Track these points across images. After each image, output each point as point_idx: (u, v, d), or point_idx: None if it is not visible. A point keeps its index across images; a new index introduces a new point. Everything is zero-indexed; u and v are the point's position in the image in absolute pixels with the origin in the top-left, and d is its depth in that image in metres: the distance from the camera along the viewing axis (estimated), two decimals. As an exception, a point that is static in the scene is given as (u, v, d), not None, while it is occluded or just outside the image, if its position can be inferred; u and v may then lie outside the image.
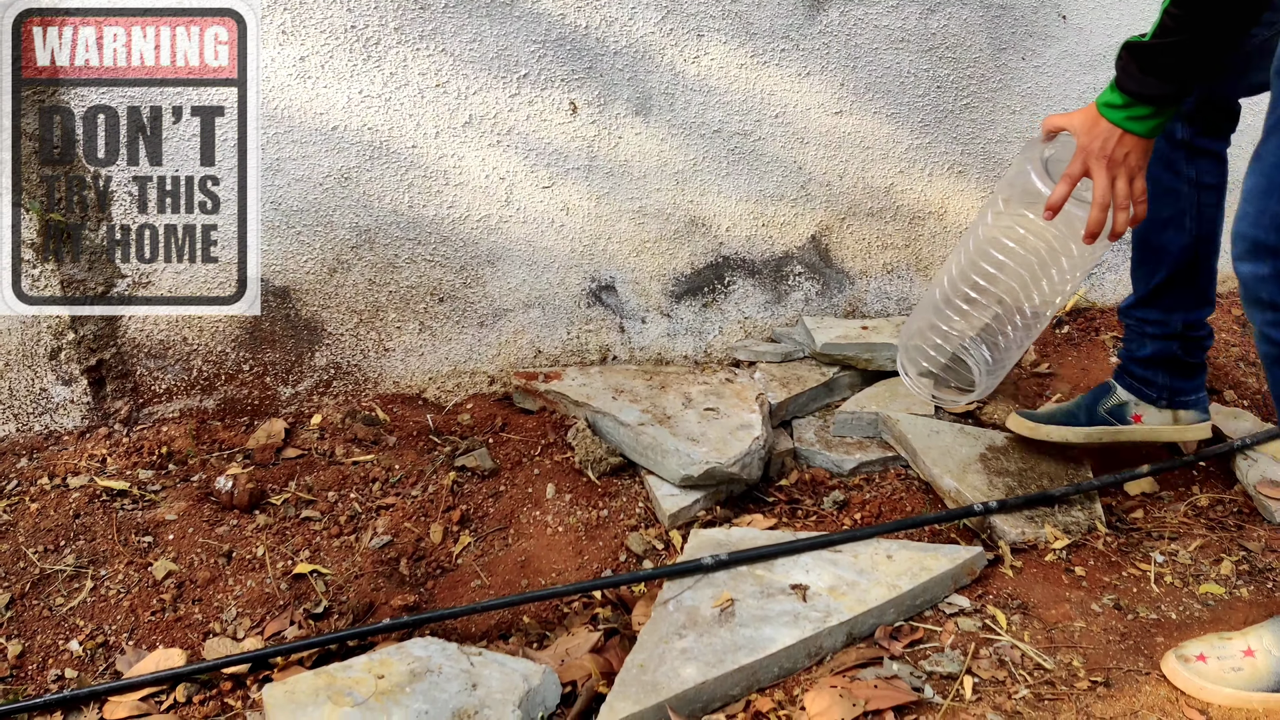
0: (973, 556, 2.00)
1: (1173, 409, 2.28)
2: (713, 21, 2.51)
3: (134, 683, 1.80)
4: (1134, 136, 1.67)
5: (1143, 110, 1.65)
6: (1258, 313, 1.58)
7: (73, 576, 2.03)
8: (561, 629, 1.96)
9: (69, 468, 2.31)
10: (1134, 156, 1.69)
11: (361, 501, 2.24)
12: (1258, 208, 1.55)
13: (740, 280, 2.75)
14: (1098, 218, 1.70)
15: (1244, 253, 1.57)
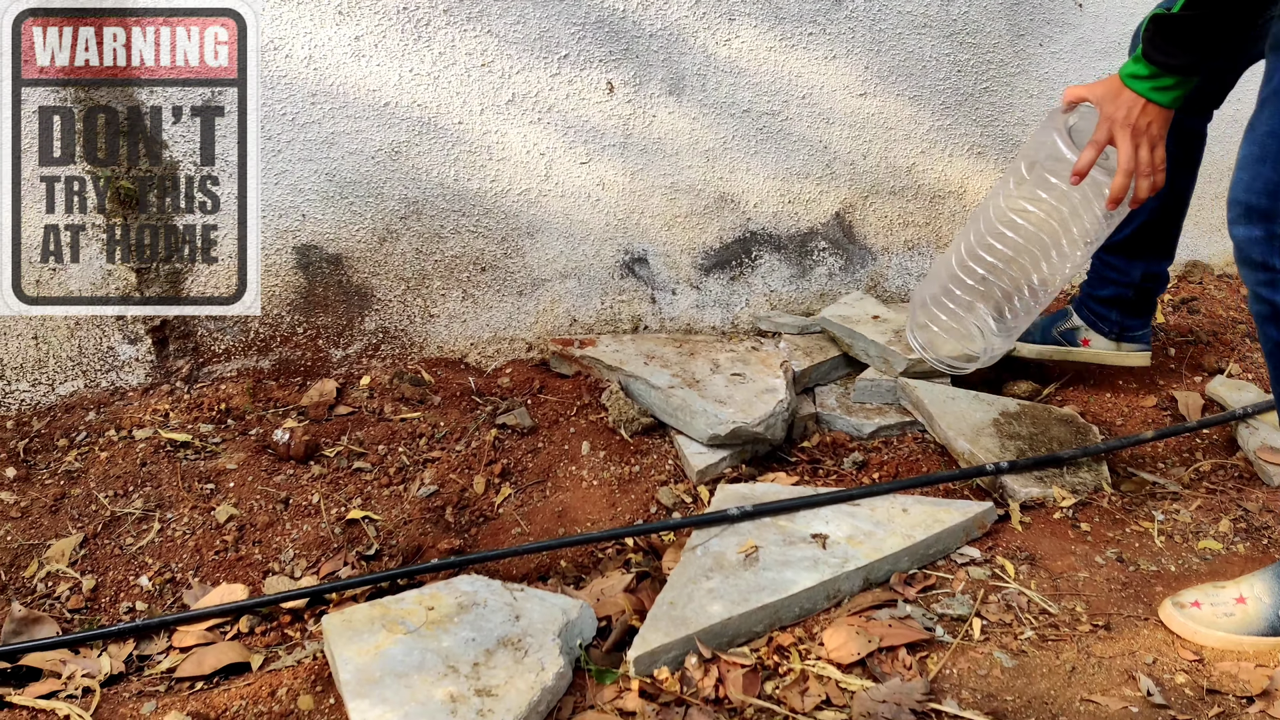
0: (983, 511, 2.11)
1: (1119, 340, 2.53)
2: (744, 6, 2.62)
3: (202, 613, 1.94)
4: (1157, 106, 1.74)
5: (1167, 80, 1.72)
6: (1250, 273, 1.68)
7: (141, 519, 2.17)
8: (596, 572, 2.09)
9: (134, 421, 2.45)
10: (1156, 125, 1.76)
11: (409, 454, 2.37)
12: (1250, 174, 1.65)
13: (767, 255, 2.87)
14: (1122, 183, 1.77)
15: (1238, 217, 1.68)
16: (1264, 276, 1.67)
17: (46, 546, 2.09)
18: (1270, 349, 1.73)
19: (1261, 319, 1.71)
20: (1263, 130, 1.65)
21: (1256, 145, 1.66)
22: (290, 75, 2.39)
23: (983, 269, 2.01)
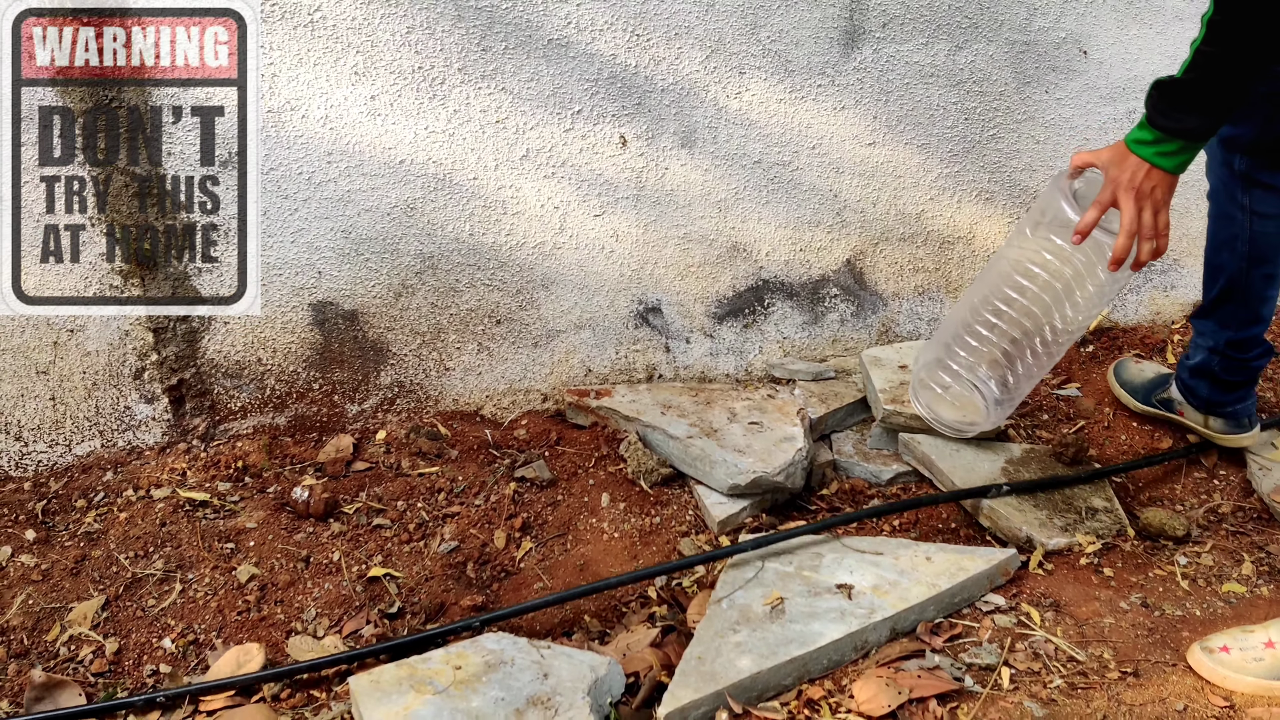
0: (1007, 558, 2.11)
1: (1206, 414, 2.48)
2: (754, 60, 2.65)
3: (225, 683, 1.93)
4: (1161, 171, 1.76)
5: (1171, 146, 1.74)
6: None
7: (162, 580, 2.17)
8: (621, 627, 2.08)
9: (152, 480, 2.44)
10: (1160, 191, 1.78)
11: (428, 510, 2.37)
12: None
13: (779, 302, 2.88)
14: (1124, 245, 1.79)
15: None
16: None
17: (68, 609, 2.09)
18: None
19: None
20: None
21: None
22: (307, 135, 2.41)
23: (987, 331, 2.01)
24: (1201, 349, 2.43)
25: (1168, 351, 3.01)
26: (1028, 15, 2.83)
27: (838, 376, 2.83)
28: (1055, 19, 2.86)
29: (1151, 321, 3.20)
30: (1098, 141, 3.01)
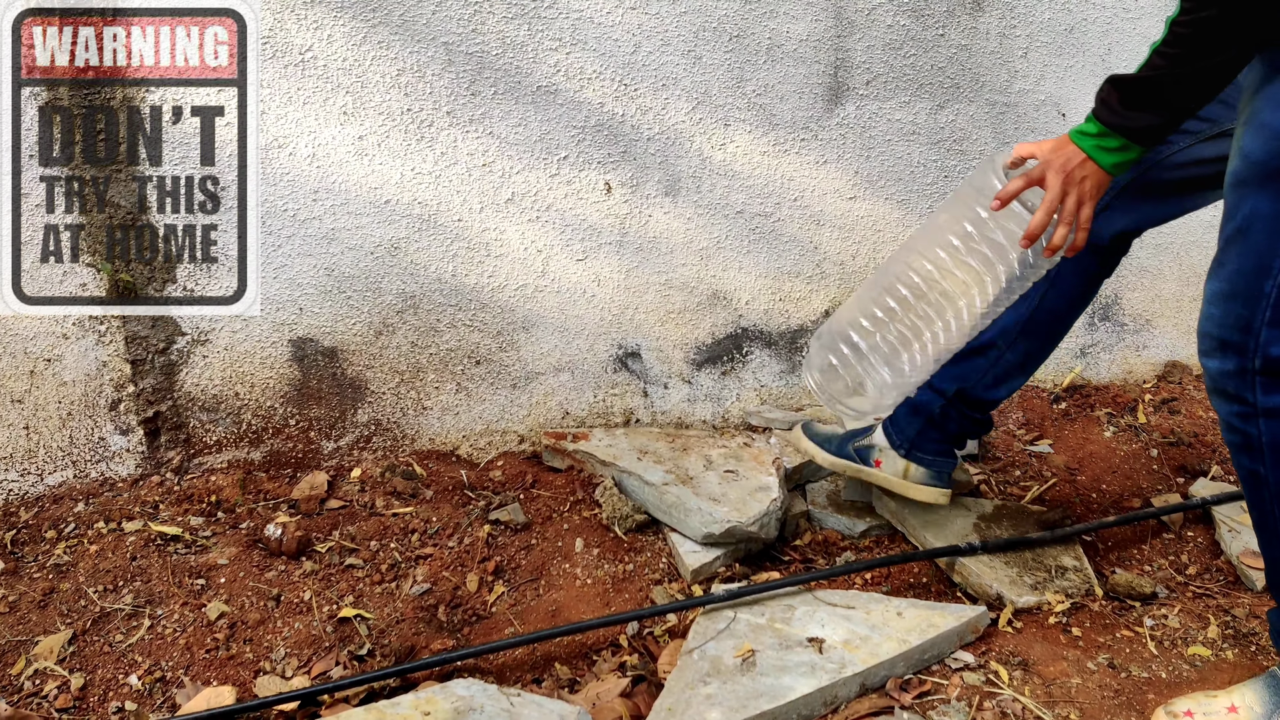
0: (977, 615, 2.13)
1: (907, 460, 2.38)
2: (739, 112, 2.69)
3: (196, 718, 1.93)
4: (1095, 165, 1.74)
5: (1114, 142, 1.71)
6: (1223, 404, 1.75)
7: (131, 615, 2.15)
8: (591, 675, 2.08)
9: (124, 513, 2.43)
10: (1090, 183, 1.75)
11: (401, 551, 2.36)
12: (1222, 310, 1.71)
13: (758, 350, 2.91)
14: (1041, 220, 1.75)
15: (1211, 350, 1.74)
16: (1238, 409, 1.73)
17: (34, 643, 2.07)
18: (1244, 475, 1.78)
19: (1235, 448, 1.77)
20: (1231, 268, 1.71)
21: (1226, 282, 1.72)
22: (293, 173, 2.43)
23: (884, 313, 1.98)
24: (926, 387, 2.30)
25: (1139, 411, 3.06)
26: (1009, 78, 2.89)
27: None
28: (1035, 82, 2.92)
29: (1124, 380, 3.25)
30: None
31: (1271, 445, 1.71)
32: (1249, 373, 1.69)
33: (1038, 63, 2.91)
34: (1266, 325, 1.66)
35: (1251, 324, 1.67)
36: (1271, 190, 1.65)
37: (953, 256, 1.93)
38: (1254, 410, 1.71)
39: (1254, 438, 1.72)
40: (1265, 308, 1.66)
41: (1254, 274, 1.67)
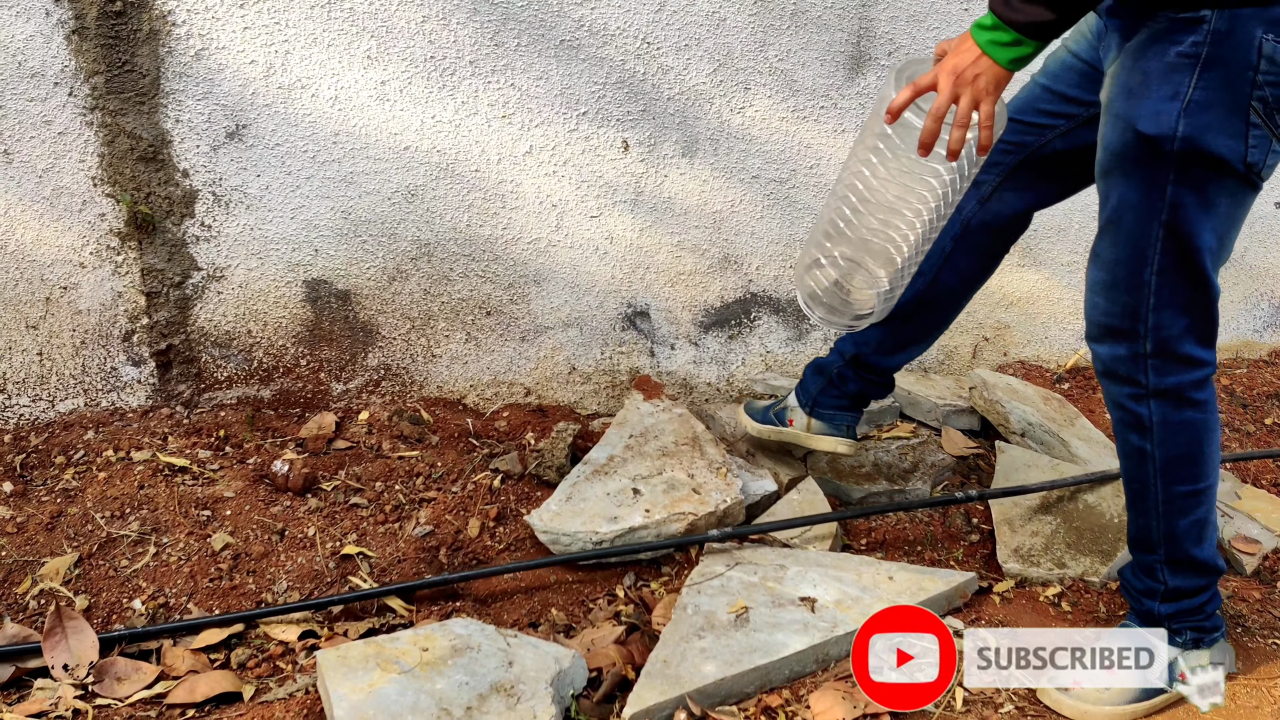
0: (965, 581, 2.15)
1: (809, 416, 2.42)
2: (760, 77, 2.69)
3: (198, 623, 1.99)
4: (990, 60, 1.63)
5: (1007, 36, 1.61)
6: (1115, 386, 1.81)
7: (137, 542, 2.18)
8: (587, 622, 2.11)
9: (133, 443, 2.45)
10: (984, 79, 1.64)
11: (405, 493, 2.39)
12: (1107, 299, 1.76)
13: (765, 316, 2.92)
14: (930, 128, 1.66)
15: (1101, 335, 1.80)
16: (1129, 390, 1.79)
17: (41, 564, 2.09)
18: (1131, 452, 1.85)
19: (1125, 426, 1.83)
20: (1109, 257, 1.74)
21: (1106, 271, 1.75)
22: (315, 114, 2.43)
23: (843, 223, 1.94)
24: (834, 349, 2.37)
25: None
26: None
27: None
28: (1056, 62, 2.91)
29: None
30: (1088, 185, 3.07)
31: (1161, 424, 1.78)
32: (1141, 356, 1.75)
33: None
34: (1153, 311, 1.71)
35: (1138, 311, 1.72)
36: (1135, 179, 1.67)
37: (875, 172, 1.86)
38: (1145, 391, 1.77)
39: (1145, 417, 1.78)
40: (1149, 295, 1.70)
41: (1132, 263, 1.71)
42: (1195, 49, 1.58)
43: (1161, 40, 1.61)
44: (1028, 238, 3.01)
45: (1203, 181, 1.63)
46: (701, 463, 2.40)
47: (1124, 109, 1.65)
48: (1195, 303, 1.71)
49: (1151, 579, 1.90)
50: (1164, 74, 1.61)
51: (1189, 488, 1.83)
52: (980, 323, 3.12)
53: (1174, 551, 1.86)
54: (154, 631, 1.98)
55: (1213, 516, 1.88)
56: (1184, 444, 1.79)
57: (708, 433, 2.52)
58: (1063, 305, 3.18)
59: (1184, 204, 1.64)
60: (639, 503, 2.26)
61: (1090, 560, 2.28)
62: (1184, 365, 1.75)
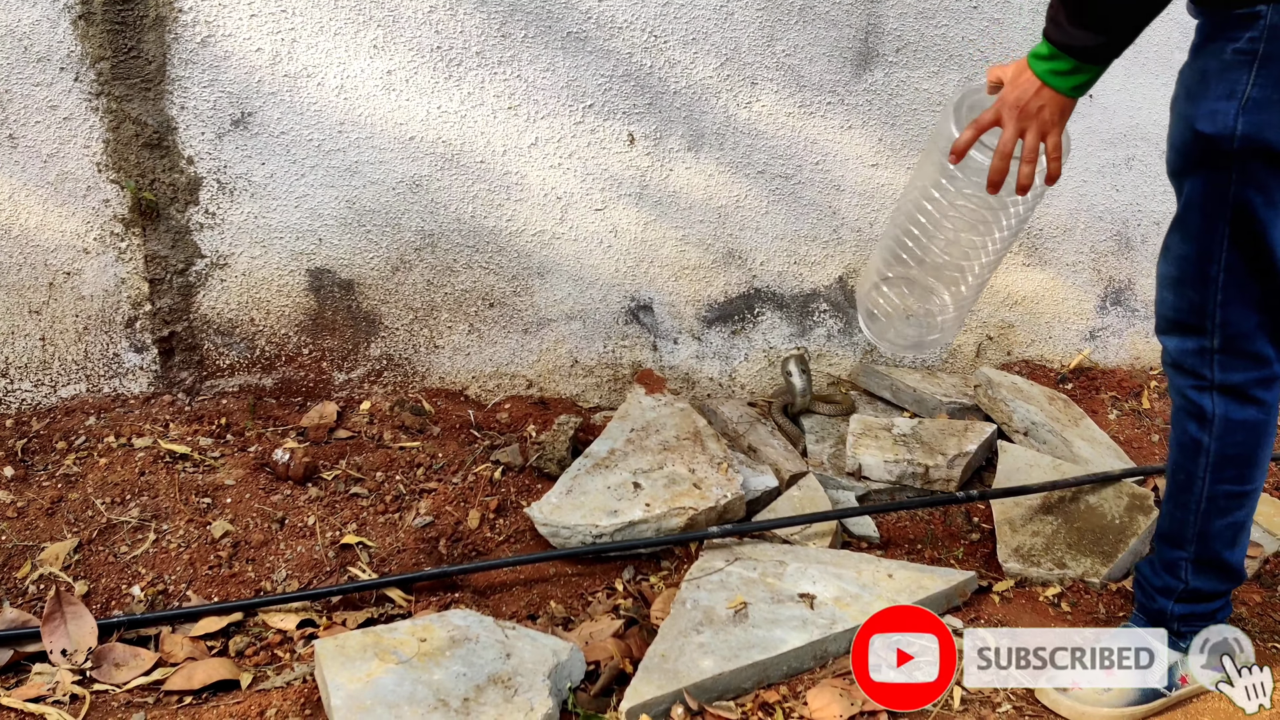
0: (965, 579, 2.15)
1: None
2: (767, 72, 2.68)
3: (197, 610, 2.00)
4: (1052, 91, 1.62)
5: (1065, 64, 1.59)
6: (1180, 377, 1.80)
7: (136, 528, 2.18)
8: (585, 615, 2.11)
9: (134, 429, 2.45)
10: (1049, 111, 1.64)
11: (406, 484, 2.39)
12: (1175, 295, 1.75)
13: (769, 312, 2.92)
14: (998, 166, 1.67)
15: (1169, 329, 1.79)
16: (1193, 382, 1.78)
17: (41, 549, 2.10)
18: (1186, 443, 1.83)
19: (1185, 414, 1.81)
20: (1177, 253, 1.73)
21: (1175, 267, 1.74)
22: (320, 103, 2.43)
23: (906, 254, 1.95)
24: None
25: (1143, 396, 3.06)
26: (1039, 54, 2.87)
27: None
28: (1065, 61, 2.90)
29: (1131, 365, 3.26)
30: (1095, 185, 3.06)
31: (1223, 418, 1.76)
32: (1208, 351, 1.73)
33: (1069, 42, 2.89)
34: (1220, 307, 1.69)
35: (1205, 307, 1.70)
36: (1199, 178, 1.65)
37: (938, 207, 1.88)
38: (1209, 384, 1.76)
39: (1207, 409, 1.77)
40: (1215, 291, 1.69)
41: (1199, 260, 1.69)
42: (1252, 45, 1.56)
43: (1219, 39, 1.60)
44: (1034, 237, 3.02)
45: (1265, 179, 1.61)
46: (703, 457, 2.39)
47: (1185, 109, 1.64)
48: (1267, 300, 1.69)
49: (1172, 576, 1.88)
50: (1221, 72, 1.59)
51: (1235, 488, 1.81)
52: (984, 321, 3.11)
53: (1204, 551, 1.84)
54: (153, 618, 1.98)
55: (1249, 522, 1.85)
56: (1240, 443, 1.78)
57: (709, 428, 2.52)
58: (1067, 305, 3.18)
59: (1248, 201, 1.62)
60: (639, 497, 2.26)
61: (1091, 561, 2.28)
62: (1252, 362, 1.73)
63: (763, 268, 2.88)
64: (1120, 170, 3.06)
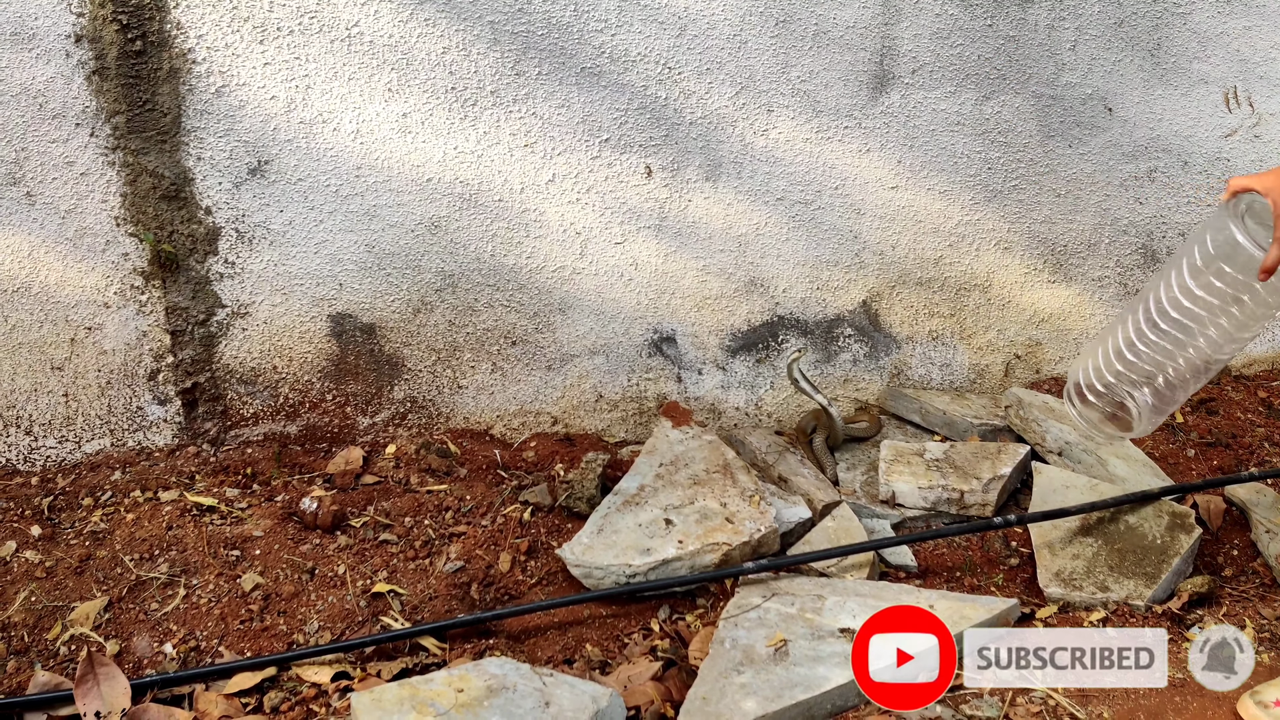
0: (1008, 608, 2.11)
1: None
2: (782, 98, 2.67)
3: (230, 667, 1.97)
4: None
5: None
6: None
7: (166, 584, 2.16)
8: (623, 658, 2.08)
9: (160, 482, 2.45)
10: None
11: (435, 528, 2.37)
12: None
13: (793, 339, 2.90)
14: (1275, 256, 1.73)
15: None
16: None
17: (71, 608, 2.08)
18: None
19: None
20: None
21: None
22: (337, 148, 2.42)
23: (1146, 347, 2.00)
24: None
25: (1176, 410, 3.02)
26: (1055, 70, 2.85)
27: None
28: (1083, 75, 2.88)
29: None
30: (1118, 199, 3.03)
31: None
32: None
33: (1086, 56, 2.87)
34: None
35: None
36: None
37: (1200, 304, 1.94)
38: None
39: None
40: None
41: None
42: None
43: None
44: (1058, 253, 2.99)
45: None
46: (734, 490, 2.37)
47: None
48: None
49: None
50: None
51: None
52: (1011, 340, 3.08)
53: None
54: (186, 676, 1.96)
55: None
56: None
57: (738, 459, 2.50)
58: (1094, 321, 3.14)
59: None
60: (672, 533, 2.23)
61: (1134, 583, 2.24)
62: None
63: (785, 295, 2.86)
64: (1143, 183, 3.04)
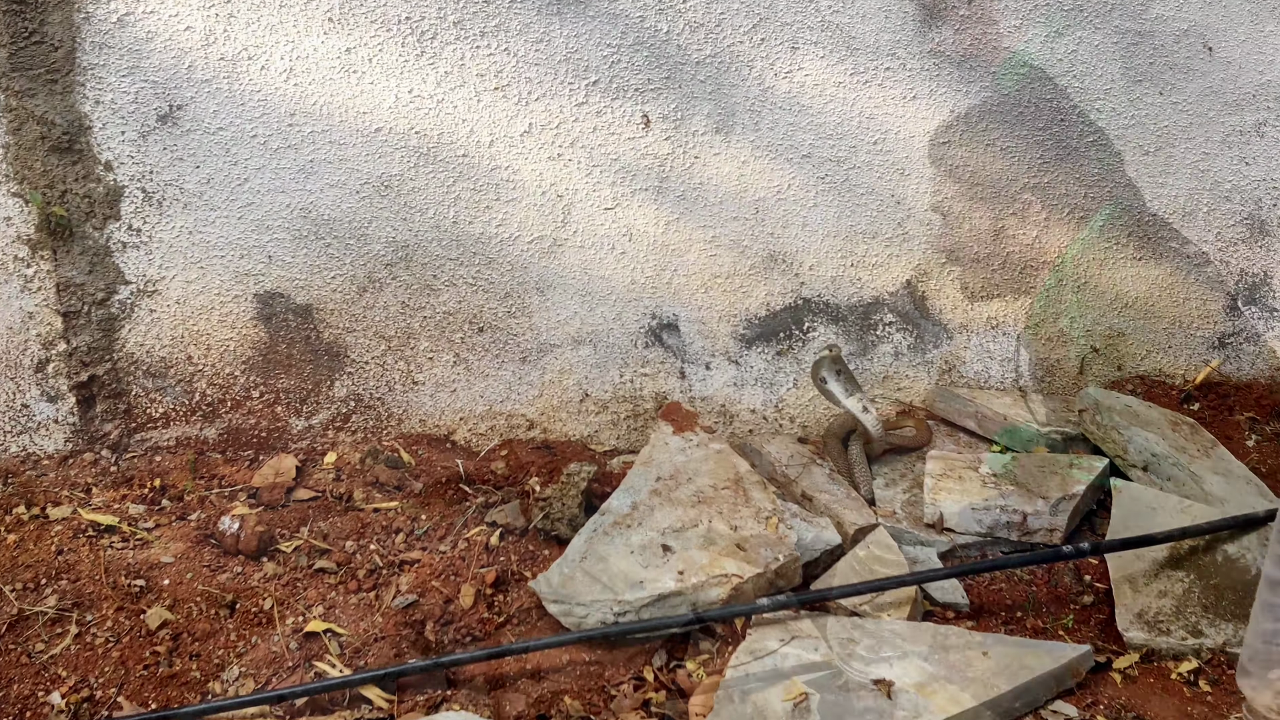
0: (1078, 655, 2.11)
1: None
2: (810, 33, 2.66)
3: None
4: None
5: None
6: None
7: (55, 620, 2.16)
8: (609, 713, 2.07)
9: (49, 496, 2.44)
10: None
11: (383, 554, 2.37)
12: None
13: (821, 327, 2.89)
14: None
15: None
16: None
17: (-63, 650, 2.08)
18: None
19: None
20: None
21: None
22: (265, 90, 2.42)
23: None
24: None
25: (1288, 416, 3.02)
26: (1144, 1, 2.84)
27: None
28: (1177, 7, 2.87)
29: (1271, 378, 3.21)
30: (1219, 158, 3.01)
31: None
32: None
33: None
34: None
35: None
36: None
37: None
38: None
39: None
40: None
41: None
42: None
43: None
44: (1145, 224, 2.99)
45: None
46: (746, 510, 2.36)
47: None
48: None
49: None
50: None
51: None
52: (1088, 330, 3.08)
53: None
54: (76, 733, 1.96)
55: None
56: None
57: (753, 473, 2.49)
58: (1190, 306, 3.14)
59: None
60: (670, 562, 2.23)
61: (1234, 627, 2.23)
62: None
63: (812, 273, 2.85)
64: (1250, 139, 3.03)
